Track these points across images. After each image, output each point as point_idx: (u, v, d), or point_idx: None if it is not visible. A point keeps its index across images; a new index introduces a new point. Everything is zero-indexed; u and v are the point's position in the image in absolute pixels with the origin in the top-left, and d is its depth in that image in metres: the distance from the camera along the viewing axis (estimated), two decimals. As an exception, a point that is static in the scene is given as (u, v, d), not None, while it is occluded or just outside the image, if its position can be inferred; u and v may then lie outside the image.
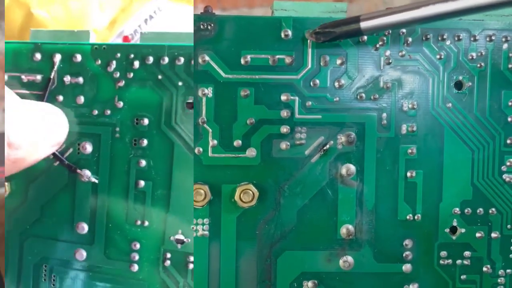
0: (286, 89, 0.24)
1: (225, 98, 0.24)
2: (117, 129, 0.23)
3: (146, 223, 0.23)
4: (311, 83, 0.24)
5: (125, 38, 0.25)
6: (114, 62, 0.23)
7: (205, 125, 0.24)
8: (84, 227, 0.24)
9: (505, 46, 0.24)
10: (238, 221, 0.24)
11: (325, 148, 0.24)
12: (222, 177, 0.24)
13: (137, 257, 0.24)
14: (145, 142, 0.23)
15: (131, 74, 0.23)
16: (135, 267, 0.24)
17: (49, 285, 0.24)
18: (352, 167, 0.24)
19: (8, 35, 0.33)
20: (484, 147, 0.24)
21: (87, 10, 0.33)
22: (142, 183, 0.23)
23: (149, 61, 0.23)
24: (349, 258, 0.24)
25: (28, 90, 0.24)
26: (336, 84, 0.24)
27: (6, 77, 0.24)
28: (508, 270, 0.25)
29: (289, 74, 0.24)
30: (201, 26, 0.23)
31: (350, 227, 0.24)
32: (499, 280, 0.25)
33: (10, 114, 0.19)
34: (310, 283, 0.24)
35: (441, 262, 0.25)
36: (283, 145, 0.24)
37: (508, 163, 0.24)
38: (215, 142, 0.24)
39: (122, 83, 0.23)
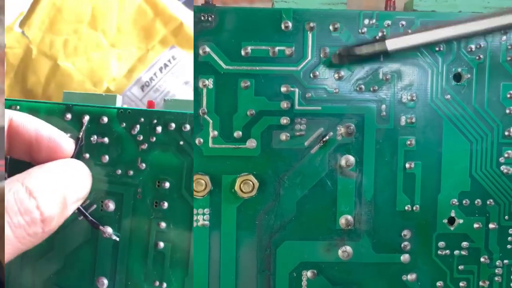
0: (286, 81, 0.24)
1: (225, 89, 0.24)
2: (139, 190, 0.24)
3: (164, 285, 0.24)
4: (311, 75, 0.24)
5: (150, 103, 0.25)
6: (138, 126, 0.23)
7: (205, 116, 0.24)
8: (104, 282, 0.24)
9: (503, 38, 0.24)
10: (238, 211, 0.24)
11: (324, 139, 0.24)
12: (222, 167, 0.24)
13: None
14: (165, 204, 0.23)
15: (154, 138, 0.23)
16: None
17: None
18: (352, 158, 0.24)
19: (34, 87, 0.36)
20: (482, 138, 0.25)
21: (107, 60, 0.35)
22: (161, 244, 0.23)
23: (171, 127, 0.23)
24: (348, 248, 0.25)
25: None
26: (336, 75, 0.24)
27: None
28: (505, 261, 0.25)
29: (289, 66, 0.24)
30: (202, 18, 0.23)
31: (349, 217, 0.24)
32: (496, 271, 0.25)
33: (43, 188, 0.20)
34: (309, 273, 0.25)
35: (439, 252, 0.25)
36: (283, 136, 0.24)
37: (506, 155, 0.25)
38: (216, 133, 0.24)
39: (145, 146, 0.23)
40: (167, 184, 0.23)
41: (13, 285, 0.24)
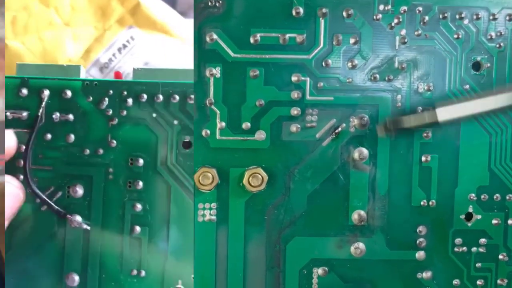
0: (297, 69, 0.23)
1: (233, 79, 0.23)
2: (110, 170, 0.22)
3: (143, 273, 0.22)
4: (323, 63, 0.23)
5: (117, 74, 0.25)
6: (106, 99, 0.22)
7: (212, 106, 0.23)
8: (75, 279, 0.22)
9: (526, 25, 0.23)
10: (247, 205, 0.23)
11: (337, 131, 0.23)
12: (230, 160, 0.23)
13: None
14: (140, 184, 0.22)
15: (125, 112, 0.22)
16: None
17: None
18: (365, 151, 0.23)
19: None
20: (502, 130, 0.24)
21: (61, 41, 0.33)
22: (138, 228, 0.22)
23: (143, 98, 0.22)
24: (361, 245, 0.24)
25: (13, 128, 0.22)
26: (349, 64, 0.23)
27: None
28: (524, 258, 0.24)
29: (300, 54, 0.23)
30: (209, 3, 0.23)
31: (362, 213, 0.24)
32: (515, 269, 0.24)
33: None
34: (320, 270, 0.24)
35: (456, 249, 0.24)
36: (294, 127, 0.23)
37: (527, 148, 0.24)
38: (223, 124, 0.23)
39: (115, 121, 0.22)
40: (141, 161, 0.22)
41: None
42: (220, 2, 0.23)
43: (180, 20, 0.36)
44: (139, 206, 0.22)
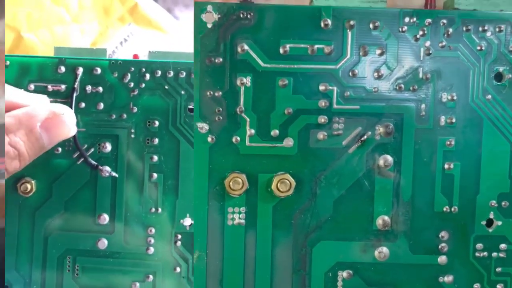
0: (324, 79, 0.24)
1: (263, 88, 0.24)
2: (132, 130, 0.27)
3: (159, 210, 0.27)
4: (350, 73, 0.24)
5: (135, 56, 0.30)
6: (128, 74, 0.27)
7: (243, 114, 0.24)
8: (106, 218, 0.27)
9: (547, 37, 0.24)
10: (274, 210, 0.24)
11: (362, 138, 0.24)
12: (259, 166, 0.24)
13: (152, 241, 0.27)
14: (156, 140, 0.27)
15: (143, 85, 0.27)
16: (151, 250, 0.27)
17: (72, 275, 0.27)
18: (390, 158, 0.24)
19: None
20: (523, 139, 0.24)
21: (69, 35, 0.39)
22: (155, 175, 0.27)
23: (157, 74, 0.27)
24: (385, 249, 0.24)
25: (54, 98, 0.27)
26: (375, 74, 0.24)
27: (33, 86, 0.27)
28: (544, 264, 0.25)
29: (328, 64, 0.24)
30: (241, 15, 0.23)
31: (386, 218, 0.24)
32: (534, 274, 0.25)
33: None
34: (345, 273, 0.24)
35: (477, 254, 0.25)
36: (321, 135, 0.24)
37: (547, 156, 0.24)
38: (253, 131, 0.24)
39: (135, 92, 0.27)
40: (156, 123, 0.27)
41: (12, 237, 0.27)
42: (251, 14, 0.23)
43: (170, 19, 0.42)
44: (155, 158, 0.27)
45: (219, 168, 0.24)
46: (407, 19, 0.24)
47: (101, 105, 0.27)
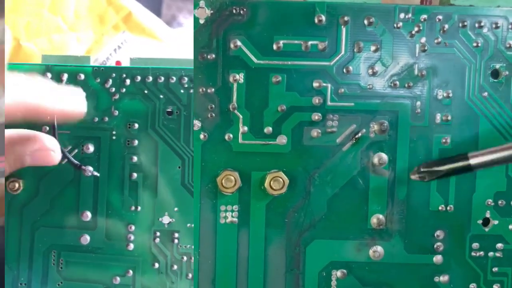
0: (318, 76, 0.23)
1: (256, 84, 0.23)
2: (114, 132, 0.28)
3: (139, 208, 0.28)
4: (344, 70, 0.23)
5: (117, 63, 0.32)
6: (110, 80, 0.28)
7: (235, 111, 0.23)
8: (88, 215, 0.28)
9: (544, 34, 0.23)
10: (267, 208, 0.24)
11: (357, 136, 0.24)
12: (252, 164, 0.24)
13: (132, 237, 0.28)
14: (136, 142, 0.28)
15: (124, 89, 0.28)
16: (131, 246, 0.28)
17: (57, 269, 0.28)
18: (385, 156, 0.24)
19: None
20: (520, 137, 0.24)
21: (66, 43, 0.41)
22: (134, 175, 0.28)
23: (137, 79, 0.28)
24: (379, 248, 0.24)
25: None
26: (370, 71, 0.23)
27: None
28: (541, 264, 0.24)
29: (322, 61, 0.23)
30: (234, 11, 0.23)
31: (381, 217, 0.24)
32: (531, 274, 0.24)
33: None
34: (339, 273, 0.24)
35: (473, 254, 0.24)
36: (314, 132, 0.24)
37: (544, 155, 0.24)
38: (246, 128, 0.24)
39: (117, 96, 0.28)
40: (136, 125, 0.28)
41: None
42: (244, 10, 0.23)
43: (164, 27, 0.44)
44: (135, 158, 0.28)
45: (212, 166, 0.24)
46: (402, 15, 0.23)
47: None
